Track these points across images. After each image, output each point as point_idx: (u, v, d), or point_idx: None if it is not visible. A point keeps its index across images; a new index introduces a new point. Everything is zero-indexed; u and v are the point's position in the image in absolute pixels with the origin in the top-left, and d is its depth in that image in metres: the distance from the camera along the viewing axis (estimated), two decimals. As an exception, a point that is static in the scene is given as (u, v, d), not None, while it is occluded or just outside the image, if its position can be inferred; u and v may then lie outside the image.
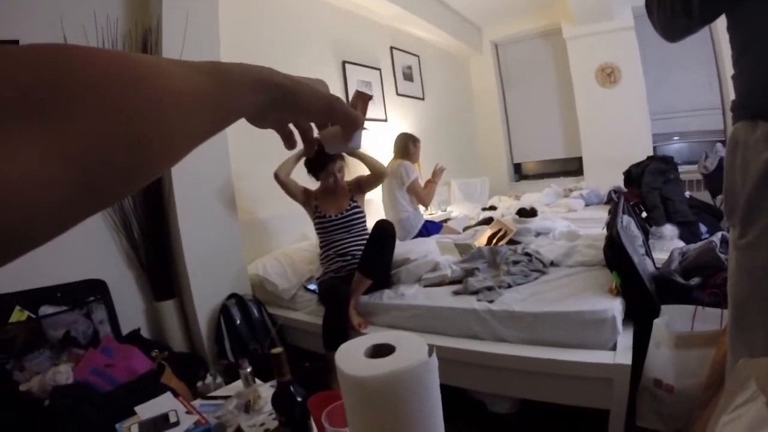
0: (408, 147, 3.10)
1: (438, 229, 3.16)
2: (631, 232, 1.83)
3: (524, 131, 5.57)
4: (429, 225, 3.15)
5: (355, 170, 2.65)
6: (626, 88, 4.47)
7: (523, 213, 2.91)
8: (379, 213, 3.10)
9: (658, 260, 1.91)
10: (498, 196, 4.66)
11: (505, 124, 5.64)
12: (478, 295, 1.74)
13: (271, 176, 2.20)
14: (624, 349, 1.39)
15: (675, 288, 1.59)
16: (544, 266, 1.97)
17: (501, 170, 5.61)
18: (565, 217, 3.06)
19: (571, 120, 4.92)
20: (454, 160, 4.71)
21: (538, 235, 2.47)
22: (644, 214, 2.58)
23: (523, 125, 5.55)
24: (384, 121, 3.85)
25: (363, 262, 2.01)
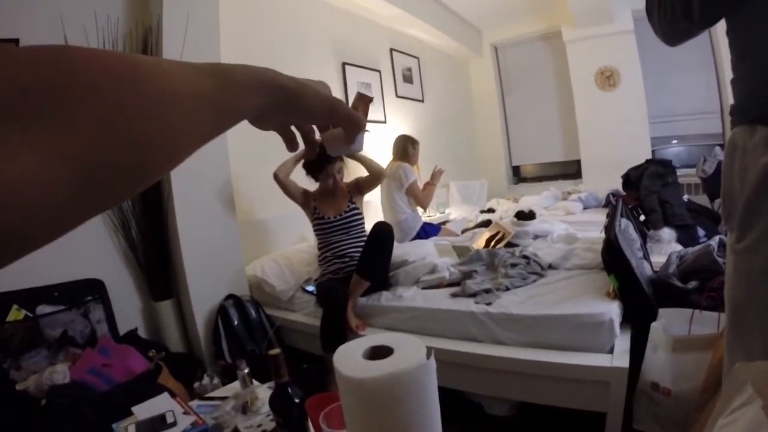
0: (407, 149, 3.10)
1: (436, 231, 3.16)
2: (629, 236, 1.83)
3: (523, 134, 5.57)
4: (427, 227, 3.15)
5: (354, 172, 2.65)
6: (625, 92, 4.48)
7: (522, 216, 2.91)
8: (377, 215, 3.10)
9: (655, 263, 1.91)
10: (496, 199, 4.67)
11: (504, 127, 5.64)
12: (476, 298, 1.74)
13: (270, 177, 2.20)
14: (621, 352, 1.40)
15: (672, 291, 1.60)
16: (542, 269, 1.98)
17: (500, 173, 5.61)
18: (564, 220, 3.06)
19: (570, 123, 4.93)
20: (453, 163, 4.71)
21: (537, 237, 2.47)
22: (642, 217, 2.58)
23: (522, 128, 5.55)
24: (383, 122, 3.85)
25: (361, 263, 2.01)
